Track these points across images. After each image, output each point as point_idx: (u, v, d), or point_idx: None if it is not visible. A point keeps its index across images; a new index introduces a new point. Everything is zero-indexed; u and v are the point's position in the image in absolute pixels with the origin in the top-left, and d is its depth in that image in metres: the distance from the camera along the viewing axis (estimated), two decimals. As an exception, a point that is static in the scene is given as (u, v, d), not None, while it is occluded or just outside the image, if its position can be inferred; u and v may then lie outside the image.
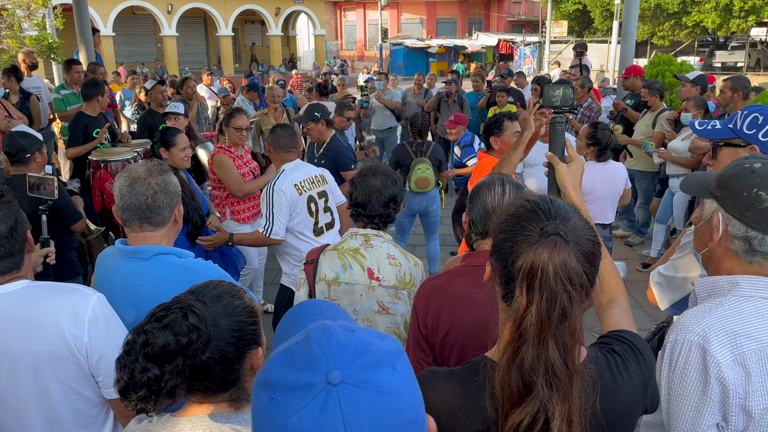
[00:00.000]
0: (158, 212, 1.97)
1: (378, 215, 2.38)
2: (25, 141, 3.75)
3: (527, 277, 1.02)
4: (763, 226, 1.37)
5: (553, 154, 1.73)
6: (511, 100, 8.43)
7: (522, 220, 1.11)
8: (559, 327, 1.00)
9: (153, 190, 1.95)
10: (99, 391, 1.69)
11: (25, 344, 1.58)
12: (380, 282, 2.31)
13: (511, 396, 1.02)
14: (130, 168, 2.01)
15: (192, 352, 1.17)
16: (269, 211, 3.48)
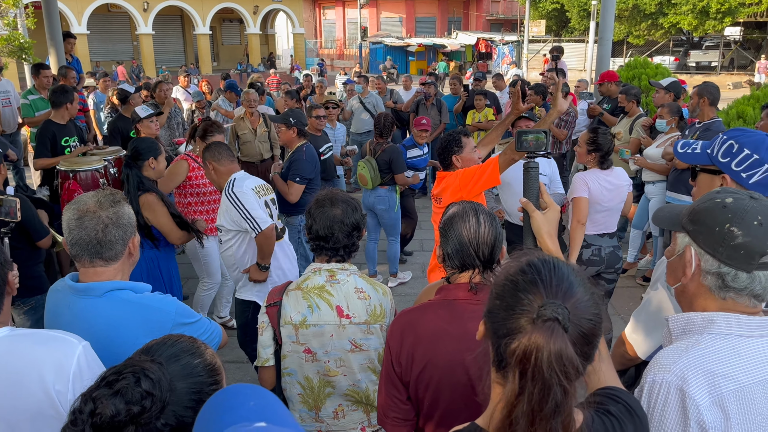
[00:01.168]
0: (110, 247, 1.87)
1: (343, 246, 2.28)
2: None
3: (520, 363, 0.96)
4: (736, 262, 1.35)
5: (528, 201, 1.70)
6: (488, 103, 8.41)
7: (520, 291, 1.04)
8: (551, 421, 0.93)
9: (104, 223, 1.85)
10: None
11: (6, 400, 1.48)
12: (351, 319, 2.22)
13: None
14: (78, 200, 1.89)
15: (145, 420, 1.10)
16: (244, 214, 3.38)
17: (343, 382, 2.25)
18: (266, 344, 2.29)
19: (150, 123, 5.35)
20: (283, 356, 2.27)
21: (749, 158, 1.96)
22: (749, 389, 1.31)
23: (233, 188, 3.45)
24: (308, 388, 2.27)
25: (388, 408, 1.86)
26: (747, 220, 1.34)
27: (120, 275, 1.92)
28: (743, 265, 1.35)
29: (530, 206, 1.68)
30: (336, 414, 2.28)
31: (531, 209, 1.68)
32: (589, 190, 3.98)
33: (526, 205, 1.69)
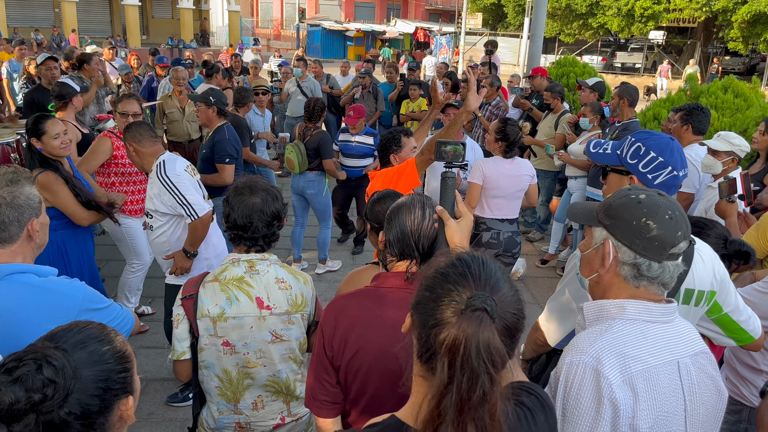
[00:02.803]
0: (2, 228, 1.77)
1: (262, 236, 2.24)
2: None
3: (449, 352, 0.98)
4: (651, 253, 1.47)
5: (443, 209, 1.74)
6: (422, 93, 8.48)
7: (449, 283, 1.06)
8: (479, 409, 0.96)
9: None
10: None
11: None
12: (272, 310, 2.19)
13: None
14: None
15: (47, 408, 1.05)
16: (180, 198, 3.27)
17: (262, 373, 2.23)
18: (182, 337, 2.22)
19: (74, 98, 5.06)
20: (200, 349, 2.21)
21: (655, 160, 2.07)
22: (655, 370, 1.42)
23: (165, 171, 3.32)
24: (226, 380, 2.23)
25: (317, 391, 1.86)
26: (660, 214, 1.46)
27: (20, 258, 1.82)
28: (656, 256, 1.47)
29: (445, 214, 1.73)
30: (255, 405, 2.26)
31: (446, 217, 1.73)
32: (484, 176, 4.26)
33: (441, 213, 1.74)
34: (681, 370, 1.47)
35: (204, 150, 4.76)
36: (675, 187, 2.11)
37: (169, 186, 3.29)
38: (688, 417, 1.46)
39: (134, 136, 3.38)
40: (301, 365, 2.33)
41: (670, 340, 1.48)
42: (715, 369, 1.53)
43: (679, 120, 4.44)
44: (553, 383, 1.50)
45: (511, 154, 4.35)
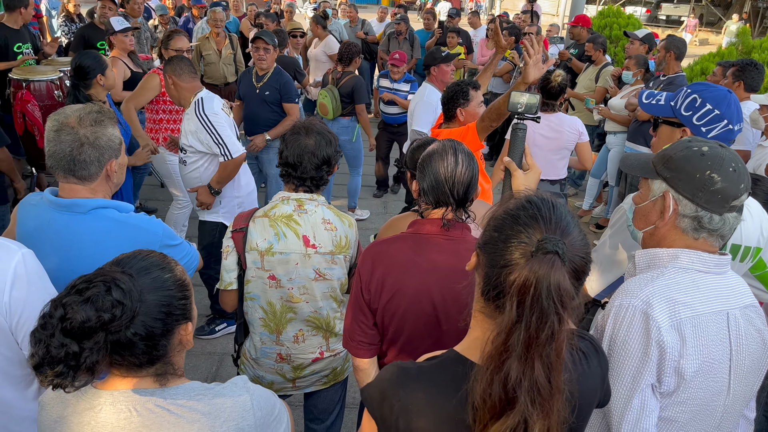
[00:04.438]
0: (83, 166, 1.81)
1: (310, 178, 2.27)
2: None
3: (519, 292, 1.00)
4: (713, 206, 1.47)
5: (511, 160, 1.74)
6: (461, 41, 8.30)
7: (519, 225, 1.07)
8: (546, 347, 0.99)
9: (80, 141, 1.79)
10: (20, 351, 1.59)
11: None
12: (317, 249, 2.25)
13: (492, 407, 1.01)
14: (62, 111, 1.82)
15: (114, 328, 1.11)
16: (216, 138, 3.34)
17: (305, 309, 2.30)
18: (230, 268, 2.30)
19: (124, 37, 5.11)
20: (246, 281, 2.30)
21: (710, 113, 2.02)
22: (703, 318, 1.45)
23: (204, 109, 3.37)
24: (270, 312, 2.31)
25: (354, 332, 1.92)
26: (724, 166, 1.46)
27: (100, 195, 1.88)
28: (718, 209, 1.47)
29: (513, 165, 1.74)
30: (296, 338, 2.34)
31: (514, 168, 1.73)
32: None
33: (509, 165, 1.74)
34: (730, 320, 1.48)
35: (267, 92, 4.75)
36: (729, 141, 2.06)
37: (206, 124, 3.34)
38: (732, 366, 1.49)
39: (174, 70, 3.42)
40: (341, 304, 2.40)
41: (721, 291, 1.50)
42: (764, 323, 1.55)
43: (731, 76, 4.30)
44: (599, 327, 1.53)
45: (549, 108, 4.20)
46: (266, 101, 4.81)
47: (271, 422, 1.30)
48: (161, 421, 1.17)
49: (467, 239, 1.87)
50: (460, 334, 1.66)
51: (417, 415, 1.13)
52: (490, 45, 8.35)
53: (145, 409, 1.17)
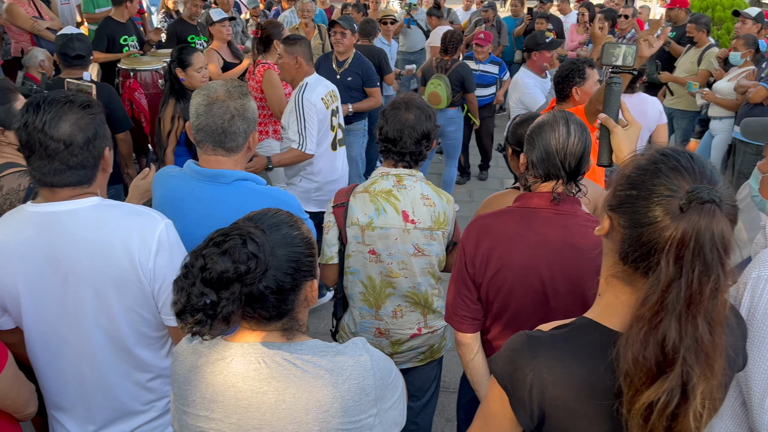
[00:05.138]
0: (233, 138, 1.89)
1: (409, 153, 2.27)
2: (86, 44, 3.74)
3: (677, 248, 0.95)
4: None
5: (608, 117, 1.65)
6: (550, 27, 8.06)
7: (661, 178, 1.02)
8: (710, 302, 0.94)
9: (230, 114, 1.87)
10: (158, 315, 1.69)
11: (94, 264, 1.56)
12: (415, 224, 2.25)
13: (648, 371, 0.97)
14: (209, 86, 1.91)
15: (249, 280, 1.16)
16: (301, 126, 3.45)
17: (403, 284, 2.31)
18: (331, 243, 2.35)
19: (222, 27, 5.32)
20: (347, 255, 2.34)
21: None
22: None
23: (304, 94, 3.50)
24: (370, 287, 2.34)
25: (457, 306, 1.91)
26: None
27: (240, 167, 1.95)
28: None
29: (610, 122, 1.65)
30: (395, 313, 2.36)
31: (612, 125, 1.64)
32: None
33: (605, 121, 1.66)
34: None
35: (349, 77, 4.83)
36: None
37: (299, 108, 3.46)
38: None
39: (304, 51, 3.54)
40: (438, 281, 2.40)
41: None
42: None
43: None
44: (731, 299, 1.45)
45: (632, 90, 4.00)
46: (348, 86, 4.87)
47: (388, 384, 1.32)
48: (288, 374, 1.20)
49: (578, 213, 1.81)
50: (569, 311, 1.62)
51: (553, 385, 1.10)
52: (581, 30, 8.07)
53: (273, 362, 1.21)
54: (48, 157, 1.53)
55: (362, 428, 1.24)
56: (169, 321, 1.69)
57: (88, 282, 1.58)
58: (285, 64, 3.62)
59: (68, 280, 1.58)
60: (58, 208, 1.58)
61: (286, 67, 3.62)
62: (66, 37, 3.83)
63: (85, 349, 1.65)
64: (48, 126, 1.51)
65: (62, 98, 1.56)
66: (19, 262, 1.58)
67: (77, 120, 1.55)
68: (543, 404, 1.12)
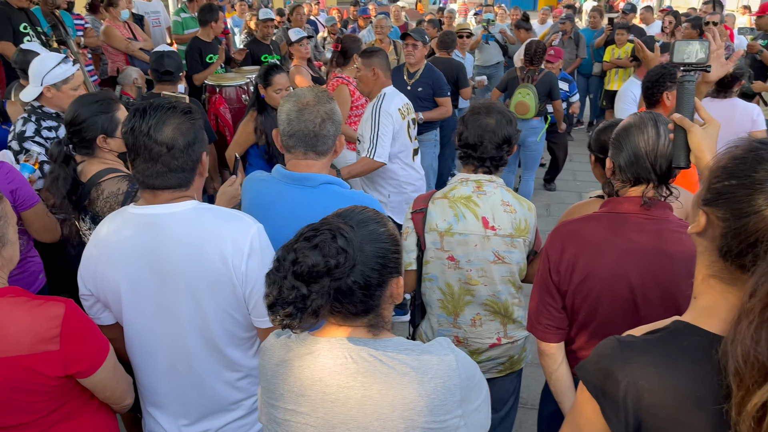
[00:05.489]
0: (324, 141, 1.95)
1: (490, 158, 2.25)
2: (176, 61, 3.97)
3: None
4: None
5: (683, 117, 1.56)
6: (631, 38, 7.82)
7: (763, 164, 0.99)
8: None
9: (321, 117, 1.93)
10: (248, 317, 1.73)
11: (190, 265, 1.62)
12: (496, 231, 2.22)
13: (760, 368, 0.91)
14: (296, 93, 1.97)
15: (338, 275, 1.17)
16: (374, 134, 3.49)
17: (483, 292, 2.28)
18: (409, 249, 2.35)
19: (300, 47, 5.51)
20: (425, 262, 2.33)
21: None
22: None
23: (381, 105, 3.55)
24: (449, 294, 2.33)
25: (540, 315, 1.87)
26: None
27: (326, 170, 2.01)
28: None
29: (686, 121, 1.56)
30: (473, 322, 2.33)
31: (688, 124, 1.55)
32: None
33: (681, 121, 1.57)
34: None
35: (419, 88, 4.88)
36: None
37: (374, 117, 3.51)
38: None
39: (381, 63, 3.60)
40: (519, 290, 2.35)
41: None
42: None
43: None
44: None
45: (725, 95, 3.77)
46: (418, 97, 4.91)
47: (473, 386, 1.30)
48: (374, 370, 1.21)
49: (670, 219, 1.74)
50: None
51: (649, 392, 1.05)
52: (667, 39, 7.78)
53: (359, 357, 1.22)
54: (151, 159, 1.61)
55: (447, 429, 1.23)
56: (258, 323, 1.73)
57: (184, 282, 1.64)
58: (363, 76, 3.68)
59: (165, 279, 1.65)
60: (158, 211, 1.66)
61: (364, 79, 3.69)
62: (158, 54, 4.07)
63: (179, 346, 1.72)
64: (152, 130, 1.59)
65: (166, 105, 1.65)
66: (120, 260, 1.67)
67: (179, 125, 1.62)
68: (639, 413, 1.06)
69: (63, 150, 2.28)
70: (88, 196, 2.30)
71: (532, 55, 5.56)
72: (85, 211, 2.32)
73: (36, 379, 1.51)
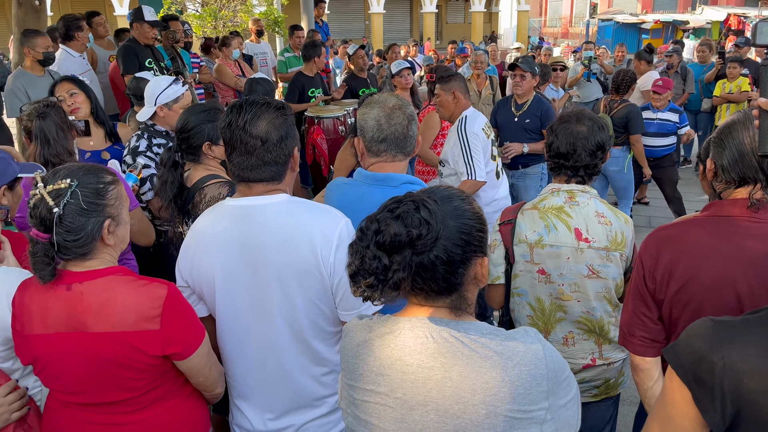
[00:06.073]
0: (411, 141, 2.05)
1: (583, 166, 2.17)
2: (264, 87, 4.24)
3: None
4: None
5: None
6: (744, 72, 7.39)
7: None
8: None
9: (407, 119, 2.02)
10: (336, 310, 1.75)
11: (281, 255, 1.68)
12: (590, 243, 2.12)
13: None
14: (377, 99, 2.05)
15: (420, 247, 1.16)
16: (467, 156, 3.53)
17: (576, 308, 2.17)
18: (497, 262, 2.29)
19: (401, 78, 5.65)
20: (514, 275, 2.26)
21: None
22: None
23: (466, 126, 3.59)
24: (539, 310, 2.23)
25: (633, 326, 1.75)
26: None
27: (406, 170, 2.08)
28: None
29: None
30: (566, 340, 2.22)
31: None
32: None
33: (766, 105, 1.43)
34: None
35: (527, 119, 4.84)
36: None
37: (463, 140, 3.54)
38: None
39: (460, 86, 3.70)
40: (615, 308, 2.21)
41: None
42: None
43: None
44: None
45: None
46: (526, 129, 4.84)
47: (562, 381, 1.22)
48: (455, 351, 1.17)
49: (782, 222, 1.58)
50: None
51: (750, 375, 0.95)
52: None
53: (441, 337, 1.19)
54: (247, 153, 1.69)
55: (532, 420, 1.16)
56: (344, 316, 1.74)
57: (274, 272, 1.69)
58: (443, 101, 3.77)
59: (257, 269, 1.70)
60: (252, 202, 1.73)
61: (444, 104, 3.77)
62: (250, 80, 4.36)
63: (268, 337, 1.75)
64: (248, 124, 1.67)
65: (260, 101, 1.73)
66: (216, 250, 1.74)
67: (273, 119, 1.70)
68: (737, 400, 0.96)
69: (172, 156, 2.44)
70: (192, 200, 2.43)
71: (619, 83, 5.40)
72: (189, 214, 2.46)
73: (136, 356, 1.59)
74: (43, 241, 1.52)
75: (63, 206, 1.53)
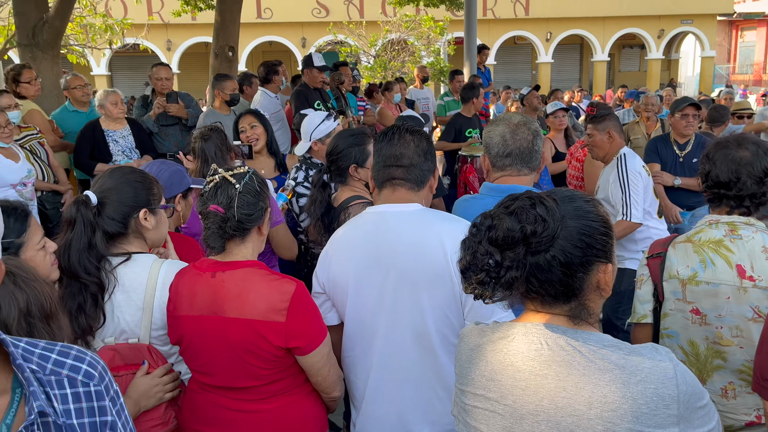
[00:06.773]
0: (536, 156, 2.09)
1: (749, 195, 1.94)
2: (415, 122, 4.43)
3: None
4: None
5: None
6: None
7: None
8: None
9: (532, 135, 2.07)
10: (462, 321, 1.75)
11: (413, 259, 1.74)
12: (755, 282, 1.88)
13: None
14: (503, 118, 2.13)
15: (535, 245, 1.12)
16: (625, 195, 3.42)
17: (737, 356, 1.92)
18: (644, 299, 2.10)
19: (554, 118, 5.73)
20: (663, 315, 2.06)
21: None
22: None
23: (626, 164, 3.49)
24: (692, 354, 2.01)
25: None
26: None
27: (532, 185, 2.10)
28: None
29: None
30: (725, 392, 1.96)
31: None
32: None
33: None
34: None
35: (694, 159, 4.65)
36: None
37: (623, 179, 3.44)
38: None
39: (615, 125, 3.65)
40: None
41: None
42: None
43: None
44: None
45: None
46: (694, 168, 4.56)
47: (697, 408, 1.09)
48: (571, 360, 1.10)
49: None
50: None
51: None
52: None
53: (556, 345, 1.13)
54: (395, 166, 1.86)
55: None
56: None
57: (406, 277, 1.74)
58: (597, 141, 3.67)
59: (389, 274, 1.77)
60: (390, 209, 1.84)
61: (599, 143, 3.68)
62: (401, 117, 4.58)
63: (394, 343, 1.79)
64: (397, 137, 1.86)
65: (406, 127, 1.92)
66: (352, 253, 1.85)
67: (419, 137, 1.88)
68: None
69: (322, 177, 2.61)
70: (337, 218, 2.57)
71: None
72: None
73: (263, 344, 1.70)
74: (221, 214, 1.71)
75: (243, 185, 1.75)
